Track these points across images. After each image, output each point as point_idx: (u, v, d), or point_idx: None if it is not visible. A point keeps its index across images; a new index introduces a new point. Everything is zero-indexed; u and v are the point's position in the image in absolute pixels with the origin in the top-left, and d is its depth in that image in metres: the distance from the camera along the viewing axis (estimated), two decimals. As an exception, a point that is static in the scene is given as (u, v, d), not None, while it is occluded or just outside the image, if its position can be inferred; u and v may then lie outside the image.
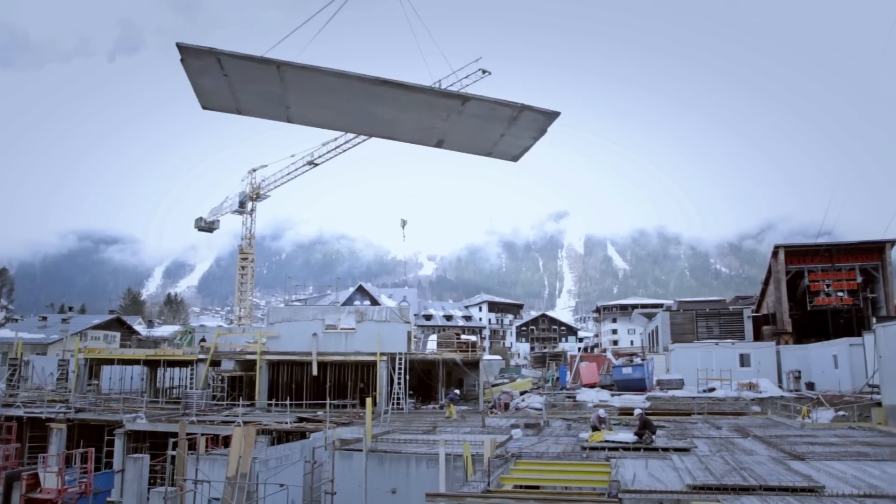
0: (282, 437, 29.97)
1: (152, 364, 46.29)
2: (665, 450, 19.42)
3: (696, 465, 16.52)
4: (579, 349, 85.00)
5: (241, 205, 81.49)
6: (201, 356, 42.66)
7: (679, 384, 46.11)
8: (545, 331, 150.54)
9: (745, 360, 49.47)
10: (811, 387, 44.79)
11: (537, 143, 8.12)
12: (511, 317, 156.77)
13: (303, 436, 27.96)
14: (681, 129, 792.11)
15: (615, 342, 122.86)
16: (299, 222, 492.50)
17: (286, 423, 31.34)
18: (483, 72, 68.44)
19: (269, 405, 39.78)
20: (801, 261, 58.76)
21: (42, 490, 24.13)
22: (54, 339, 71.80)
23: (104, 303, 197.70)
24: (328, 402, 34.66)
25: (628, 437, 21.08)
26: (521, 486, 14.79)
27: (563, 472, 16.01)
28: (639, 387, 45.23)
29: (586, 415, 32.30)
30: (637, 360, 51.66)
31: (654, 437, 20.88)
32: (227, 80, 6.82)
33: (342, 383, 42.37)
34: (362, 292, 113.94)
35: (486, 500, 12.63)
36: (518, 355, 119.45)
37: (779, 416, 33.03)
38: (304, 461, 20.63)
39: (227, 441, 24.89)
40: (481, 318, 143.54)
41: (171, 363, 46.43)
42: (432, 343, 54.65)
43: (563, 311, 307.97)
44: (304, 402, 39.44)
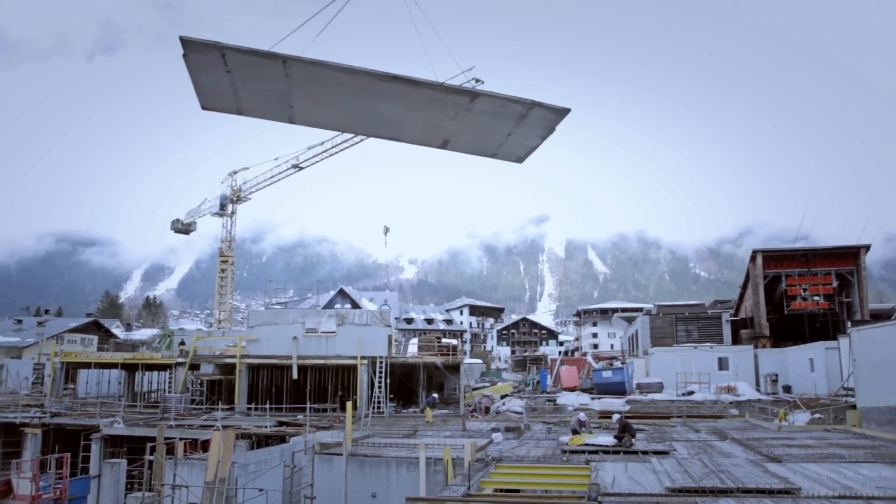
0: (261, 441, 29.73)
1: (130, 368, 45.76)
2: (644, 453, 19.54)
3: (675, 467, 16.64)
4: (560, 353, 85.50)
5: (222, 207, 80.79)
6: (180, 360, 42.26)
7: (658, 387, 46.43)
8: (526, 334, 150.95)
9: (723, 364, 49.93)
10: (788, 390, 45.32)
11: (544, 142, 7.93)
12: (492, 320, 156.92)
13: (282, 440, 27.76)
14: (662, 136, 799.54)
15: (595, 346, 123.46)
16: (280, 225, 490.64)
17: (266, 427, 31.11)
18: (476, 80, 68.42)
19: (249, 409, 39.47)
20: (779, 265, 59.52)
21: (15, 496, 23.80)
22: (30, 342, 70.69)
23: (81, 306, 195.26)
24: (308, 405, 34.49)
25: (608, 440, 21.20)
26: (501, 490, 14.82)
27: (543, 475, 16.06)
28: (619, 390, 45.49)
29: (567, 418, 32.40)
30: (617, 364, 51.91)
31: (633, 440, 21.01)
32: (229, 77, 6.66)
33: (322, 387, 42.18)
34: (343, 296, 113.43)
35: (467, 504, 12.63)
36: (499, 359, 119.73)
37: (756, 419, 33.36)
38: (284, 466, 20.51)
39: (205, 445, 24.65)
40: (462, 322, 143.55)
41: (150, 367, 45.93)
42: (413, 347, 54.54)
43: (543, 315, 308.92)
44: (284, 406, 39.17)
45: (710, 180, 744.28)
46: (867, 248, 59.18)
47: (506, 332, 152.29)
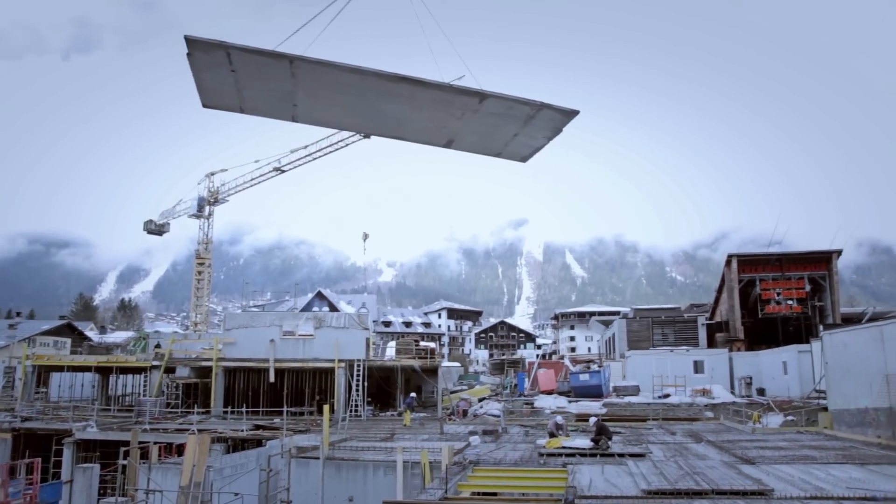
0: (237, 445, 29.47)
1: (104, 371, 45.12)
2: (621, 455, 19.67)
3: (651, 470, 16.76)
4: (537, 356, 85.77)
5: (200, 208, 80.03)
6: (155, 363, 41.78)
7: (635, 390, 46.77)
8: (504, 338, 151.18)
9: (698, 367, 50.45)
10: (762, 392, 45.90)
11: (550, 143, 7.92)
12: (470, 324, 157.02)
13: (259, 444, 27.53)
14: (639, 141, 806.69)
15: (573, 349, 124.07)
16: (258, 227, 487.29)
17: (242, 430, 30.85)
18: None
19: (225, 412, 39.13)
20: (753, 270, 60.31)
21: (-16, 502, 23.31)
22: (1, 345, 69.49)
23: (55, 308, 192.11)
24: (285, 409, 34.27)
25: (585, 443, 21.30)
26: (478, 493, 14.83)
27: (520, 478, 16.10)
28: (596, 393, 45.75)
29: (544, 421, 32.51)
30: (594, 367, 52.24)
31: (610, 442, 21.13)
32: (233, 77, 6.60)
33: (300, 390, 41.92)
34: (321, 298, 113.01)
35: (444, 507, 12.62)
36: (477, 362, 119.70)
37: (731, 422, 33.72)
38: (260, 469, 20.33)
39: (180, 449, 24.36)
40: (440, 325, 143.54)
41: (124, 370, 45.31)
42: (391, 350, 54.44)
43: (521, 318, 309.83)
44: (260, 409, 38.87)
45: (686, 185, 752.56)
46: (839, 252, 60.23)
47: (484, 335, 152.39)
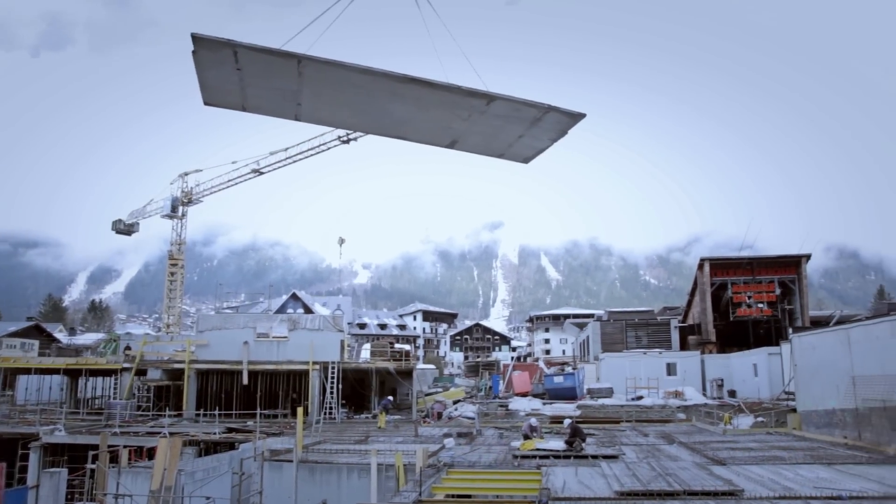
0: (210, 448, 29.13)
1: (73, 373, 44.35)
2: (594, 457, 19.82)
3: (624, 471, 16.91)
4: (512, 358, 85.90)
5: (174, 209, 78.97)
6: (126, 365, 41.19)
7: (609, 392, 47.12)
8: (479, 340, 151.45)
9: (671, 369, 50.99)
10: (733, 394, 46.51)
11: (554, 144, 7.90)
12: (445, 326, 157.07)
13: (232, 447, 27.27)
14: (613, 145, 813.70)
15: (548, 351, 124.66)
16: (232, 228, 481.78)
17: (214, 433, 30.52)
18: None
19: (198, 415, 38.68)
20: (725, 273, 61.12)
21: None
22: (-35, 347, 67.93)
23: (22, 309, 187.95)
24: (259, 411, 33.95)
25: (559, 445, 21.42)
26: (452, 496, 14.84)
27: (494, 480, 16.14)
28: (570, 395, 46.01)
29: (518, 423, 32.64)
30: (568, 370, 52.54)
31: (584, 444, 21.28)
32: (238, 75, 6.53)
33: (273, 393, 41.59)
34: (296, 300, 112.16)
35: (418, 510, 12.60)
36: (452, 364, 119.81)
37: (702, 423, 34.12)
38: (232, 473, 20.13)
39: (151, 453, 24.05)
40: (415, 327, 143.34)
41: (94, 372, 44.62)
42: (366, 352, 54.23)
43: (496, 321, 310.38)
44: (233, 412, 38.52)
45: (659, 188, 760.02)
46: (808, 257, 61.32)
47: (459, 337, 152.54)
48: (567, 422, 23.99)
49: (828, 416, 24.76)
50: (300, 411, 22.78)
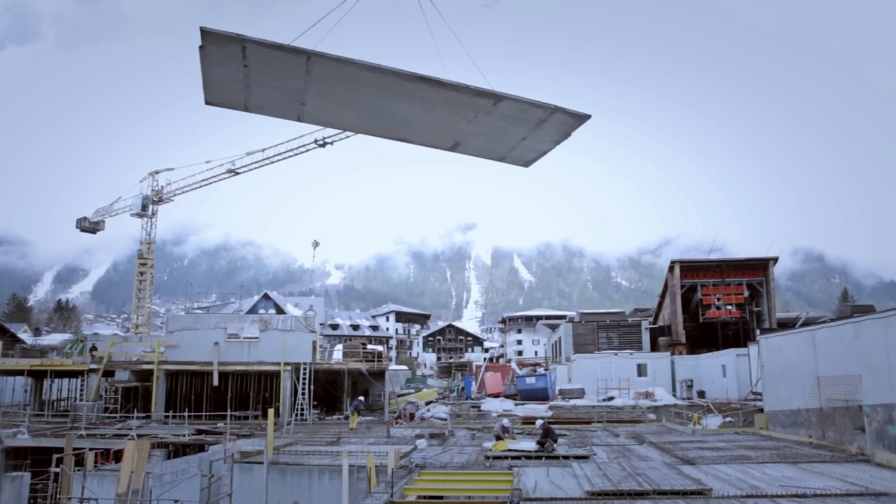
0: (179, 450, 28.76)
1: (38, 375, 43.44)
2: (566, 458, 19.93)
3: (595, 471, 17.03)
4: (485, 359, 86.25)
5: (144, 207, 77.82)
6: (93, 366, 40.47)
7: (580, 393, 47.45)
8: (452, 341, 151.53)
9: (642, 370, 51.53)
10: (702, 395, 47.15)
11: (556, 147, 7.86)
12: (418, 327, 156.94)
13: (201, 449, 26.93)
14: (585, 146, 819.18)
15: (520, 352, 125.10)
16: (203, 227, 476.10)
17: (184, 435, 30.14)
18: None
19: (167, 417, 38.18)
20: (695, 275, 61.98)
21: None
22: (-75, 347, 66.21)
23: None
24: (229, 413, 33.65)
25: (531, 445, 21.49)
26: (424, 497, 14.82)
27: (466, 481, 16.15)
28: (542, 396, 46.26)
29: (490, 424, 32.72)
30: (540, 371, 52.88)
31: (555, 445, 21.38)
32: (244, 72, 6.40)
33: (244, 394, 41.21)
34: (267, 300, 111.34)
35: (390, 511, 12.56)
36: (424, 365, 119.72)
37: (672, 423, 34.52)
38: (202, 475, 19.88)
39: (118, 456, 23.66)
40: (388, 328, 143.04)
41: (60, 374, 43.75)
42: (338, 353, 54.03)
43: (469, 322, 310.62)
44: (203, 413, 38.08)
45: (631, 191, 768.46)
46: (775, 260, 62.47)
47: (432, 338, 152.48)
48: (539, 422, 24.10)
49: (793, 415, 25.21)
50: (271, 413, 22.59)
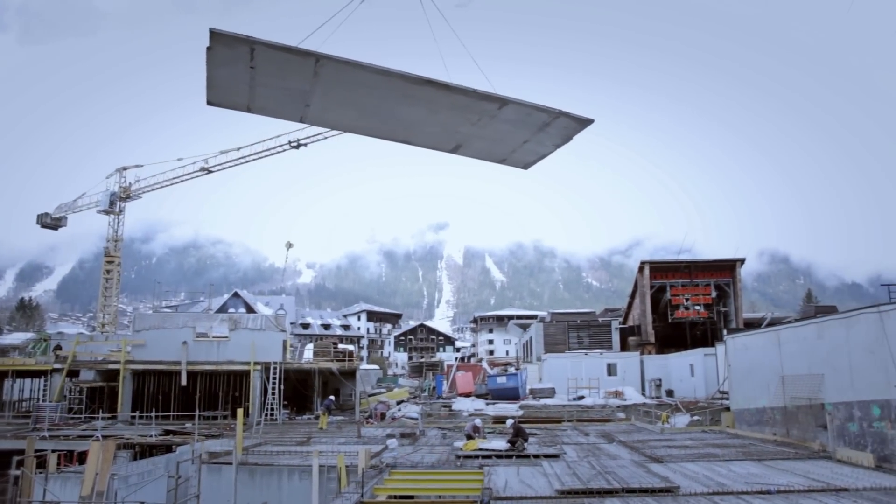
0: (146, 451, 28.32)
1: (-1, 375, 42.48)
2: (536, 457, 20.02)
3: (565, 470, 17.13)
4: (456, 359, 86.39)
5: (112, 204, 76.42)
6: (57, 366, 39.68)
7: (551, 393, 47.74)
8: (423, 340, 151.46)
9: (612, 370, 51.99)
10: (671, 394, 47.73)
11: (556, 150, 7.87)
12: (390, 326, 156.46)
13: (169, 450, 26.54)
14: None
15: (491, 352, 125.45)
16: (172, 225, 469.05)
17: (151, 436, 29.68)
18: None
19: (133, 418, 37.58)
20: (664, 276, 62.70)
21: None
22: None
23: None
24: (197, 413, 33.16)
25: (501, 445, 21.57)
26: (395, 497, 14.78)
27: (437, 480, 16.14)
28: (513, 395, 46.42)
29: (461, 424, 32.75)
30: (511, 370, 53.03)
31: (526, 444, 21.48)
32: (250, 73, 6.34)
33: (213, 394, 40.72)
34: (237, 299, 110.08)
35: (360, 511, 12.50)
36: (396, 365, 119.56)
37: (641, 422, 34.87)
38: (169, 476, 19.59)
39: (83, 457, 23.21)
40: (360, 328, 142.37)
41: (22, 373, 42.77)
42: (309, 352, 53.68)
43: (441, 322, 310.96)
44: (171, 413, 37.54)
45: (602, 192, 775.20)
46: (742, 261, 63.50)
47: (403, 338, 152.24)
48: (509, 422, 24.19)
49: (759, 413, 25.64)
50: (240, 412, 22.38)
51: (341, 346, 52.57)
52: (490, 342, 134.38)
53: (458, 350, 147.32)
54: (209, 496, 19.41)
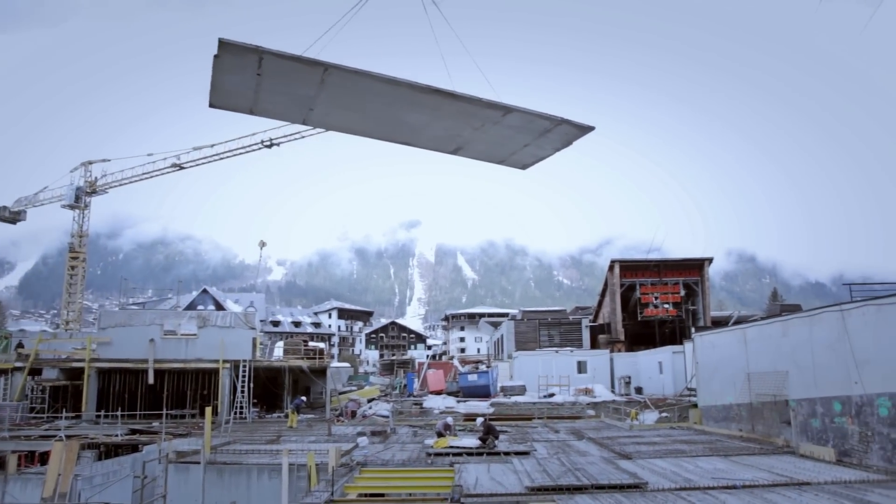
0: (111, 451, 27.84)
1: (-42, 373, 41.41)
2: (507, 454, 20.08)
3: (535, 467, 17.22)
4: (427, 357, 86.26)
5: (77, 199, 74.87)
6: (18, 364, 38.82)
7: (521, 390, 47.98)
8: (395, 338, 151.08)
9: (582, 367, 52.41)
10: (640, 391, 48.28)
11: (555, 154, 8.00)
12: (361, 324, 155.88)
13: (135, 449, 26.12)
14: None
15: (463, 350, 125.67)
16: (140, 220, 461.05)
17: (116, 435, 29.19)
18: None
19: (98, 417, 36.94)
20: (634, 275, 63.39)
21: None
22: None
23: None
24: (165, 412, 32.72)
25: (472, 442, 21.61)
26: (365, 495, 14.73)
27: (407, 478, 16.12)
28: (484, 393, 46.57)
29: (433, 421, 32.75)
30: (482, 368, 53.18)
31: (496, 441, 21.55)
32: (256, 80, 6.37)
33: (181, 392, 40.20)
34: (206, 296, 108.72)
35: (330, 510, 12.43)
36: (367, 363, 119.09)
37: (611, 419, 35.21)
38: (134, 476, 19.30)
39: (45, 458, 22.75)
40: (331, 325, 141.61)
41: (-18, 372, 41.76)
42: (279, 350, 53.19)
43: (412, 319, 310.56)
44: (138, 412, 36.98)
45: (573, 190, 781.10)
46: (710, 260, 64.51)
47: (375, 335, 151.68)
48: (480, 419, 24.25)
49: (726, 410, 26.04)
50: (209, 411, 22.10)
51: (312, 343, 52.17)
52: (461, 340, 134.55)
53: (429, 348, 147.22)
54: (176, 496, 19.16)
